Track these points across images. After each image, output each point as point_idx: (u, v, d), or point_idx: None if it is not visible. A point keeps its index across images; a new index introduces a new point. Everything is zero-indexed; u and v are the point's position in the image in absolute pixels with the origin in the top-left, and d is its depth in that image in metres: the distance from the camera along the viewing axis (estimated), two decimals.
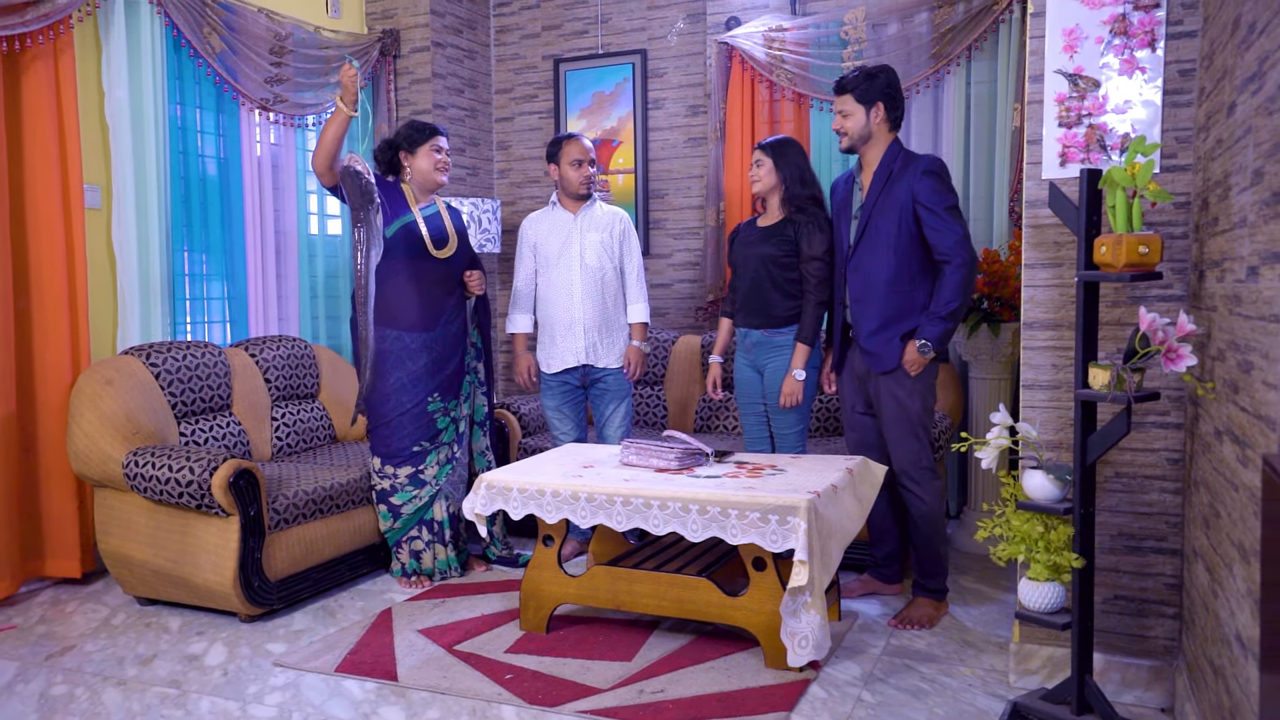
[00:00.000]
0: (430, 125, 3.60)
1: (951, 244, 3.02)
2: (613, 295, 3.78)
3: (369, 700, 2.63)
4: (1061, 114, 2.51)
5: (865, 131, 3.13)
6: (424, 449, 3.56)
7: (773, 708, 2.52)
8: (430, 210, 3.61)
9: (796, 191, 3.41)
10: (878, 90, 3.09)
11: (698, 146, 5.01)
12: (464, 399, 3.69)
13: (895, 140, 3.16)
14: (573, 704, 2.56)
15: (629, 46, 5.13)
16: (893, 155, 3.12)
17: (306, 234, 4.72)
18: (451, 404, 3.62)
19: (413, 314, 3.49)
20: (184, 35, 3.92)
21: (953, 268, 3.02)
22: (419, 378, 3.51)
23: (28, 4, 3.32)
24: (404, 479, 3.56)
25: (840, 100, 3.15)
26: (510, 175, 5.48)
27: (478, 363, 3.76)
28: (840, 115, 3.15)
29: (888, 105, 3.11)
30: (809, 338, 3.36)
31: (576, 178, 3.73)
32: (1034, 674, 2.64)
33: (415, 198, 3.58)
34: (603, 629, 3.10)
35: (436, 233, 3.56)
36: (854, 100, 3.11)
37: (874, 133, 3.13)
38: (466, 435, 3.73)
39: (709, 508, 2.73)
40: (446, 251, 3.57)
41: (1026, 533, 2.35)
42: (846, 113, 3.14)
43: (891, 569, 3.41)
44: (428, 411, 3.55)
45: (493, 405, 3.85)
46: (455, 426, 3.65)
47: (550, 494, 2.94)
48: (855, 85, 3.11)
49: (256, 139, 4.41)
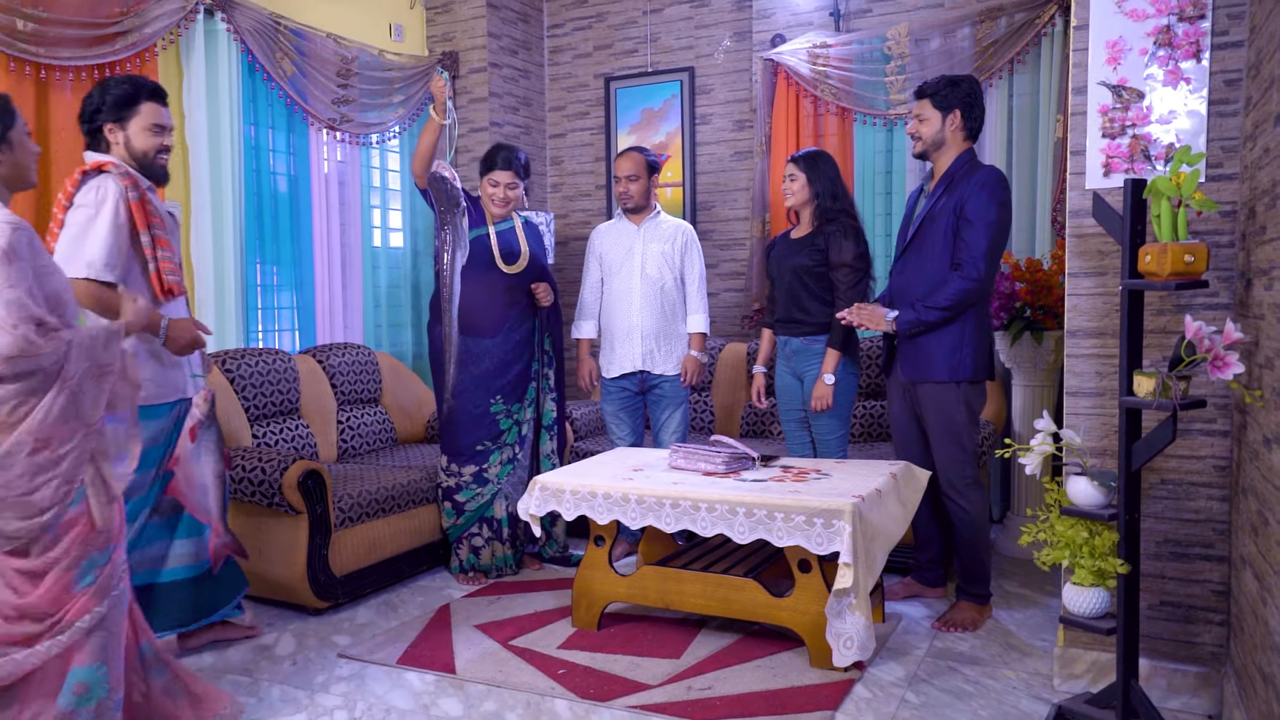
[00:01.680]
0: (490, 158, 3.58)
1: (970, 256, 2.95)
2: (671, 305, 3.76)
3: (429, 691, 2.65)
4: (1105, 125, 2.46)
5: (939, 138, 3.05)
6: (487, 449, 3.60)
7: (818, 706, 2.50)
8: (505, 226, 3.64)
9: (828, 204, 3.38)
10: (958, 98, 3.02)
11: (743, 160, 4.99)
12: (528, 403, 3.71)
13: (969, 150, 3.08)
14: (623, 699, 2.56)
15: (677, 64, 5.14)
16: (960, 164, 3.04)
17: (370, 246, 4.80)
18: (515, 407, 3.64)
19: (477, 321, 3.52)
20: (258, 60, 4.01)
21: (960, 275, 2.96)
22: (481, 381, 3.55)
23: (118, 34, 3.43)
24: (468, 477, 3.59)
25: (919, 105, 3.07)
26: (563, 189, 5.52)
27: (548, 369, 3.77)
28: (916, 119, 3.08)
29: (965, 114, 3.03)
30: (838, 343, 3.33)
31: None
32: (1078, 678, 2.58)
33: (492, 213, 3.63)
34: (651, 627, 3.09)
35: (507, 248, 3.59)
36: (932, 106, 3.04)
37: (948, 140, 3.05)
38: (530, 438, 3.75)
39: (755, 510, 2.71)
40: (516, 267, 3.59)
41: (1071, 538, 2.30)
42: (923, 118, 3.06)
43: (935, 572, 3.35)
44: (491, 413, 3.58)
45: (562, 411, 3.86)
46: (518, 429, 3.68)
47: (601, 496, 2.95)
48: (935, 91, 3.03)
49: (324, 157, 4.49)
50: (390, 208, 4.98)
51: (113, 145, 2.65)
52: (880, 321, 3.07)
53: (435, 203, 3.33)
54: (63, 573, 2.00)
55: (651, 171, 3.78)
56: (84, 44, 3.34)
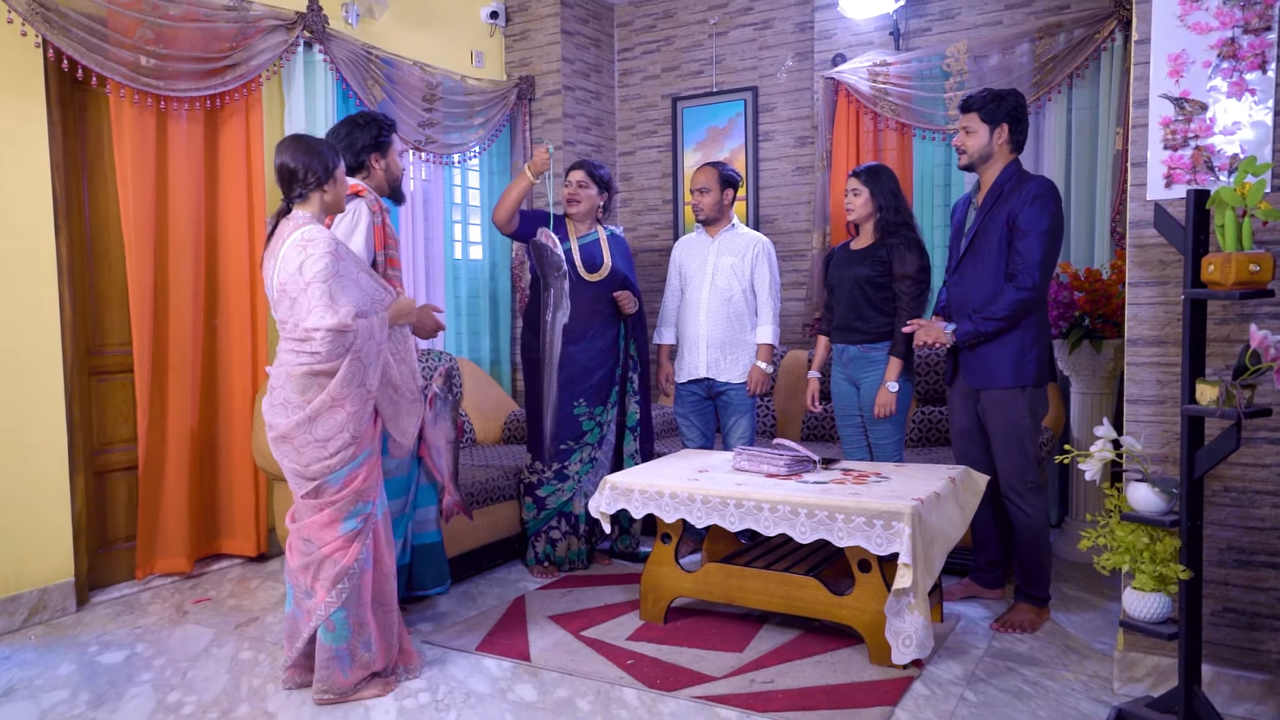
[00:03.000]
0: (575, 164, 3.75)
1: (1025, 266, 2.89)
2: (739, 316, 3.72)
3: (505, 677, 2.70)
4: (1167, 137, 2.39)
5: (986, 150, 3.00)
6: (569, 448, 3.65)
7: (878, 702, 2.47)
8: (589, 239, 3.70)
9: (890, 217, 3.35)
10: (1004, 112, 2.97)
11: (805, 175, 4.97)
12: (611, 405, 3.73)
13: (1014, 161, 3.02)
14: (689, 689, 2.57)
15: (741, 84, 5.14)
16: (1007, 176, 2.99)
17: (452, 259, 4.90)
18: (598, 410, 3.68)
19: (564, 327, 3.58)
20: (351, 88, 4.14)
21: (1015, 285, 2.90)
22: (566, 385, 3.58)
23: (228, 67, 3.58)
24: (550, 474, 3.65)
25: (966, 118, 3.02)
26: (632, 204, 5.56)
27: (633, 373, 3.79)
28: (964, 132, 3.03)
29: (1012, 127, 2.98)
30: (901, 352, 3.29)
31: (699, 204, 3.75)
32: (1139, 682, 2.49)
33: (576, 227, 3.69)
34: (715, 621, 3.09)
35: (589, 258, 3.64)
36: (979, 119, 2.99)
37: (995, 152, 3.00)
38: (612, 439, 3.77)
39: (817, 511, 2.69)
40: (598, 275, 3.64)
41: (1131, 544, 2.23)
42: (970, 130, 3.01)
43: (993, 574, 3.28)
44: (574, 415, 3.63)
45: (647, 413, 3.86)
46: (599, 430, 3.71)
47: (669, 496, 2.96)
48: (982, 105, 2.98)
49: (411, 175, 4.61)
50: (470, 222, 5.08)
51: (374, 171, 2.98)
52: (940, 335, 3.03)
53: (536, 266, 3.42)
54: (335, 512, 2.46)
55: (725, 185, 3.72)
56: (198, 76, 3.49)
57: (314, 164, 2.52)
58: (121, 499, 3.59)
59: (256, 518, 3.84)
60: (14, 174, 3.13)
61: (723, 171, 3.73)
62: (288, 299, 2.44)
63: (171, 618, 3.24)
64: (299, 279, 2.40)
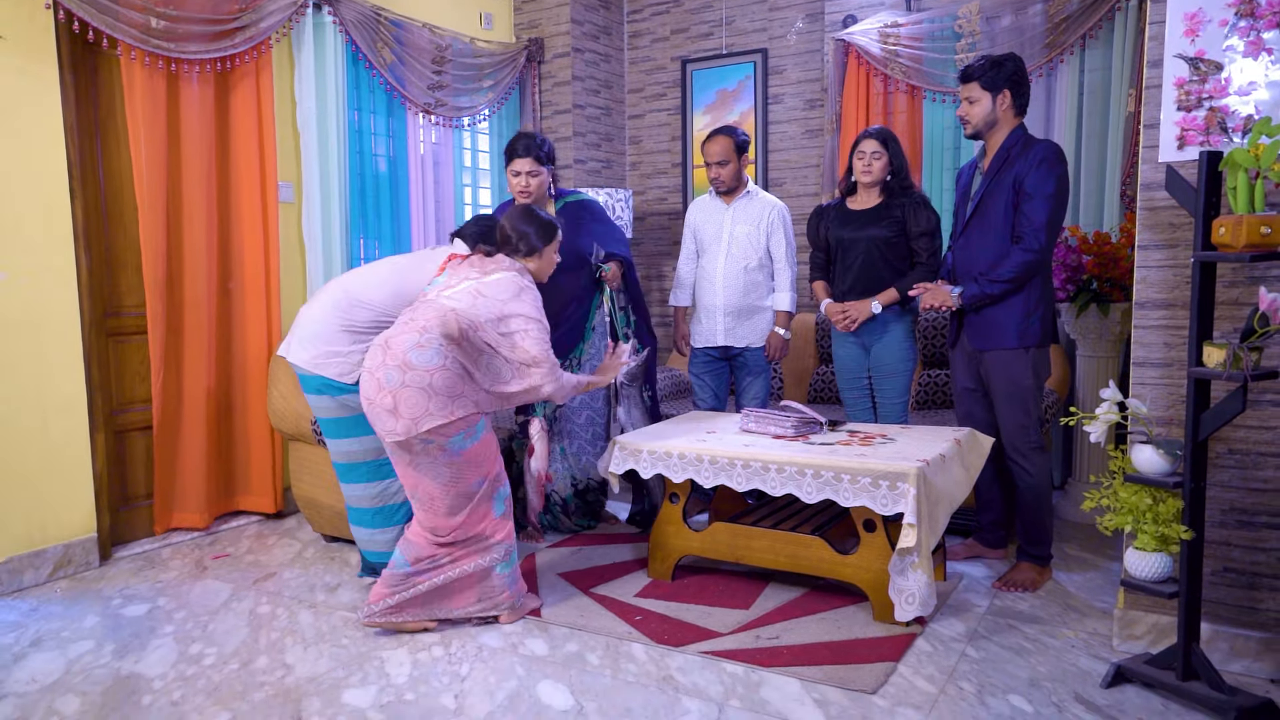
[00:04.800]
0: (510, 146, 3.42)
1: (1030, 228, 2.84)
2: (754, 284, 3.64)
3: (516, 632, 2.71)
4: (1180, 98, 2.32)
5: (991, 118, 2.95)
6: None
7: (881, 657, 2.47)
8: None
9: (904, 179, 3.32)
10: (1004, 77, 2.91)
11: (814, 138, 4.89)
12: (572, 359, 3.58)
13: (1020, 126, 2.96)
14: (696, 645, 2.58)
15: (751, 46, 5.04)
16: (1013, 140, 2.94)
17: (462, 221, 4.85)
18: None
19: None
20: (361, 50, 4.07)
21: (1022, 248, 2.85)
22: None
23: (237, 29, 3.52)
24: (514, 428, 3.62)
25: (967, 88, 2.96)
26: (641, 167, 5.49)
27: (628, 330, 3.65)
28: (966, 102, 2.97)
29: (1014, 92, 2.92)
30: (904, 288, 3.24)
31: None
32: (1138, 639, 2.49)
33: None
34: (722, 579, 3.10)
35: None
36: (980, 87, 2.92)
37: (999, 119, 2.95)
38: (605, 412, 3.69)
39: (823, 472, 2.68)
40: None
41: (1134, 504, 2.22)
42: (973, 99, 2.95)
43: (996, 534, 3.28)
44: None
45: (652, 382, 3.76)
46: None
47: (677, 456, 2.95)
48: (982, 73, 2.92)
49: (420, 139, 4.56)
50: (480, 185, 5.03)
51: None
52: (946, 298, 2.99)
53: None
54: (482, 501, 2.68)
55: (740, 151, 3.61)
56: (208, 38, 3.44)
57: (528, 233, 2.85)
58: (140, 457, 3.61)
59: (274, 476, 3.86)
60: (30, 138, 3.10)
61: (737, 139, 3.60)
62: (495, 308, 2.68)
63: (191, 573, 3.27)
64: (519, 305, 2.70)
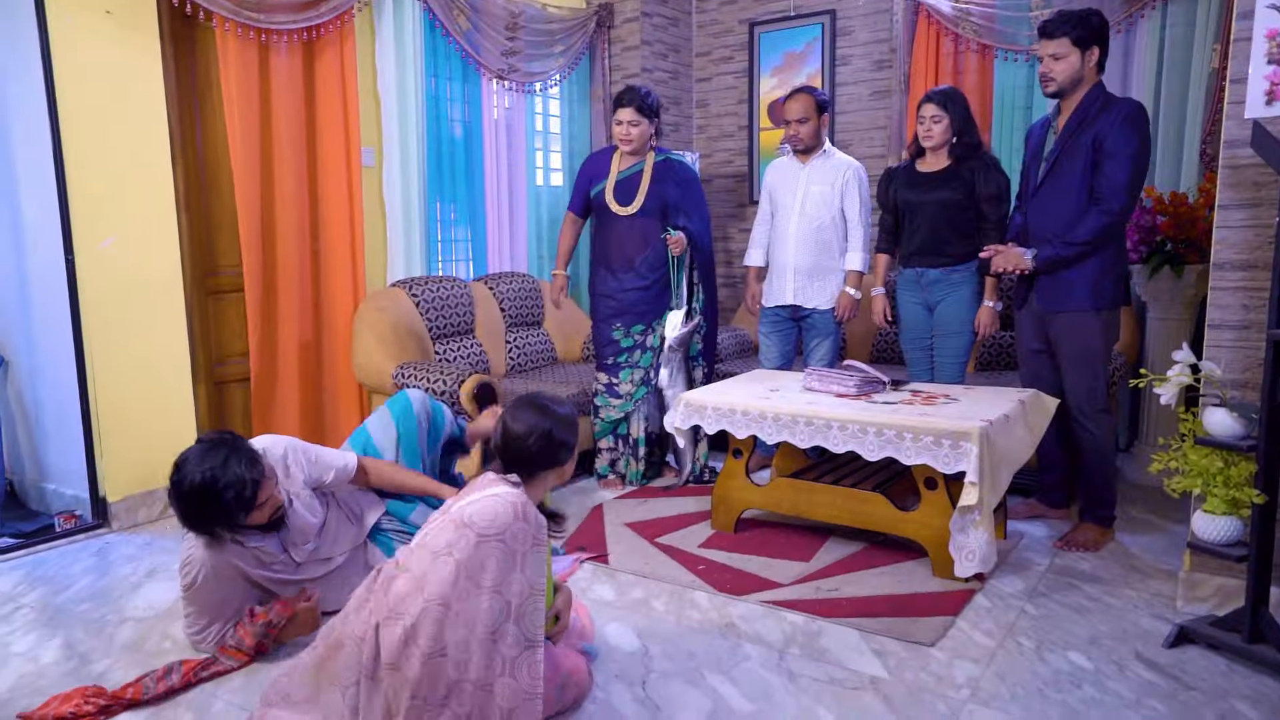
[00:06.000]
0: (617, 98, 3.57)
1: (1111, 188, 2.72)
2: (827, 243, 3.60)
3: (585, 578, 2.79)
4: (1272, 50, 2.20)
5: (1077, 75, 2.80)
6: (615, 364, 3.66)
7: (940, 611, 2.48)
8: (631, 171, 3.60)
9: (970, 139, 3.22)
10: (1092, 33, 2.76)
11: (882, 99, 4.76)
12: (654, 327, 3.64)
13: (1099, 84, 2.82)
14: (757, 594, 2.62)
15: (819, 7, 4.92)
16: (1093, 98, 2.80)
17: (534, 185, 4.91)
18: (635, 328, 3.64)
19: (609, 257, 3.63)
20: (438, 19, 4.11)
21: (1101, 209, 2.74)
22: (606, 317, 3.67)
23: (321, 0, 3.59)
24: (603, 386, 3.70)
25: (1054, 44, 2.78)
26: (708, 130, 5.44)
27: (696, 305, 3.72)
28: (1051, 59, 2.80)
29: (1101, 48, 2.78)
30: (989, 270, 3.13)
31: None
32: (1203, 601, 2.44)
33: (622, 159, 3.62)
34: (783, 533, 3.12)
35: (623, 193, 3.58)
36: (1070, 43, 2.76)
37: (1085, 76, 2.81)
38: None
39: (885, 431, 2.67)
40: (628, 209, 3.57)
41: (1205, 467, 2.16)
42: (1059, 55, 2.78)
43: (1059, 494, 3.22)
44: (612, 338, 3.67)
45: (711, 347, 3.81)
46: (649, 353, 3.64)
47: (740, 413, 2.97)
48: (1072, 28, 2.76)
49: (494, 105, 4.59)
50: (551, 149, 5.06)
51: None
52: (1020, 261, 2.90)
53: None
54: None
55: (821, 111, 3.56)
56: (295, 9, 3.52)
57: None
58: (238, 408, 3.79)
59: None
60: (134, 109, 3.24)
61: (817, 98, 3.55)
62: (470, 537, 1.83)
63: None
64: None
